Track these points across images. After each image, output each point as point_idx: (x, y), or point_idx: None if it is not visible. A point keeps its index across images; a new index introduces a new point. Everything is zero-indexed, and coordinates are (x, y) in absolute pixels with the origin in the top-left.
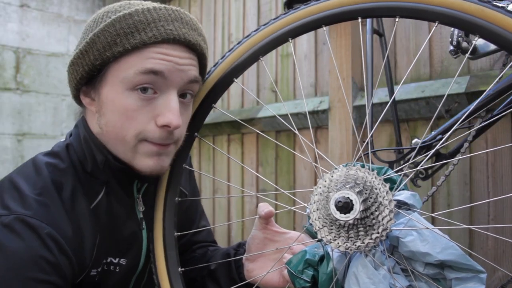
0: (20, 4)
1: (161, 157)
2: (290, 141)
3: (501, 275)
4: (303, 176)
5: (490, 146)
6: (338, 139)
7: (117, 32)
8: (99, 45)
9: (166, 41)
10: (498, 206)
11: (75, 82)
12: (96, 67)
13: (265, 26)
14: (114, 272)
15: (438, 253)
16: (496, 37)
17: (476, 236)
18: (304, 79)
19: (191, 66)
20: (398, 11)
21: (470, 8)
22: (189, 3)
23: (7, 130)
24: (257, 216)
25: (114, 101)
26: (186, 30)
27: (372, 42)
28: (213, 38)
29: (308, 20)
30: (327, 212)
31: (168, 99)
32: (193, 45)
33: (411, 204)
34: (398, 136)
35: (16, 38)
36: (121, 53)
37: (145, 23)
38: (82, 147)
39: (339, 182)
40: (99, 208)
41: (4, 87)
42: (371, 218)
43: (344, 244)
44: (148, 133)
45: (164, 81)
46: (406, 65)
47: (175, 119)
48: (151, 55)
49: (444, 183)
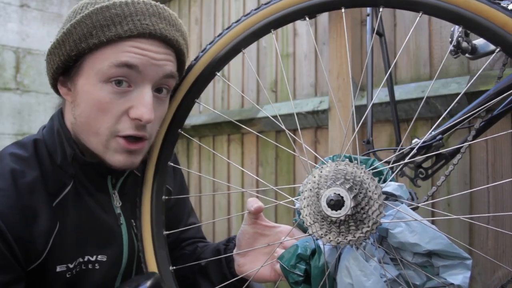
0: (20, 4)
1: (132, 155)
2: (290, 141)
3: (501, 275)
4: (303, 176)
5: (490, 146)
6: (338, 139)
7: (93, 24)
8: (75, 36)
9: (142, 36)
10: (498, 207)
11: (51, 72)
12: (71, 58)
13: (246, 17)
14: (94, 270)
15: (426, 243)
16: (480, 28)
17: (476, 236)
18: (304, 79)
19: (167, 61)
20: (381, 0)
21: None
22: (189, 3)
23: (7, 130)
24: (246, 212)
25: (88, 92)
26: (164, 25)
27: (372, 42)
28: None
29: (290, 11)
30: (318, 209)
31: (142, 93)
32: (169, 41)
33: (398, 195)
34: (398, 136)
35: (16, 38)
36: (96, 45)
37: (122, 16)
38: (54, 139)
39: (328, 178)
40: (66, 202)
41: (4, 87)
42: (361, 213)
43: (335, 239)
44: (121, 126)
45: (138, 75)
46: (406, 65)
47: (147, 112)
48: (126, 48)
49: (444, 183)
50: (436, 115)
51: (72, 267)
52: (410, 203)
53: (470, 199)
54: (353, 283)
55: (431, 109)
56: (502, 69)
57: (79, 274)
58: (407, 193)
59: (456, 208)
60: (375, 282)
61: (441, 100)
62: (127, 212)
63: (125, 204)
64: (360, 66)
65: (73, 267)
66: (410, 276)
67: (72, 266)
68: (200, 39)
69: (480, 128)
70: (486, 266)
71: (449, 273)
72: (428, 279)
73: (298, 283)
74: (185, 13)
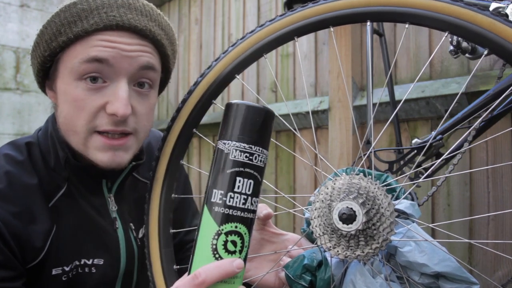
0: (20, 4)
1: (116, 152)
2: (290, 141)
3: (501, 275)
4: (303, 177)
5: (490, 146)
6: (338, 139)
7: (61, 22)
8: (47, 36)
9: (109, 28)
10: (498, 207)
11: (35, 75)
12: (46, 59)
13: (270, 23)
14: (90, 274)
15: (435, 264)
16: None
17: (476, 236)
18: (304, 79)
19: (142, 52)
20: (408, 17)
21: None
22: (189, 3)
23: (7, 130)
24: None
25: (65, 92)
26: (133, 15)
27: (372, 42)
28: (213, 38)
29: (316, 20)
30: (329, 221)
31: (117, 88)
32: (141, 31)
33: (410, 213)
34: (398, 136)
35: (16, 38)
36: (66, 43)
37: (88, 10)
38: (47, 142)
39: (342, 191)
40: (61, 204)
41: (4, 87)
42: (372, 228)
43: (344, 253)
44: (98, 122)
45: (111, 69)
46: (406, 65)
47: (122, 107)
48: (95, 42)
49: (444, 183)
50: (436, 115)
51: (68, 270)
52: (421, 223)
53: (470, 199)
54: None
55: (431, 109)
56: (502, 69)
57: (76, 277)
58: (419, 213)
59: (456, 209)
60: None
61: (441, 100)
62: (124, 216)
63: (121, 208)
64: (360, 66)
65: (69, 270)
66: None
67: (68, 269)
68: (200, 39)
69: (480, 128)
70: (486, 266)
71: None
72: None
73: None
74: (185, 13)
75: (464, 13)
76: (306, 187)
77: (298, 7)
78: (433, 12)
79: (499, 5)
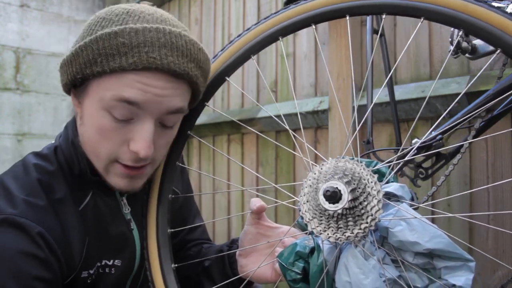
0: (20, 4)
1: (133, 180)
2: (290, 141)
3: (501, 275)
4: (303, 176)
5: (490, 146)
6: (338, 139)
7: (99, 51)
8: (81, 59)
9: (147, 69)
10: (498, 207)
11: (62, 84)
12: (78, 80)
13: (256, 25)
14: (109, 274)
15: (426, 241)
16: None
17: (476, 236)
18: (304, 79)
19: (174, 96)
20: (385, 8)
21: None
22: (189, 3)
23: (7, 130)
24: (249, 211)
25: (92, 115)
26: (174, 58)
27: (372, 42)
28: (213, 38)
29: (298, 19)
30: (316, 203)
31: (142, 127)
32: (179, 75)
33: (400, 195)
34: (398, 136)
35: (16, 38)
36: (100, 73)
37: (128, 46)
38: (69, 150)
39: (328, 174)
40: (87, 210)
41: (4, 87)
42: (359, 208)
43: (334, 235)
44: (120, 155)
45: (140, 110)
46: (406, 65)
47: (145, 149)
48: (129, 82)
49: (444, 183)
50: (436, 115)
51: (92, 272)
52: (411, 203)
53: (470, 199)
54: (351, 281)
55: (431, 109)
56: (502, 69)
57: (97, 277)
58: (408, 194)
59: (456, 208)
60: (373, 280)
61: (441, 100)
62: (138, 217)
63: (135, 209)
64: (360, 66)
65: (93, 272)
66: (411, 278)
67: (92, 272)
68: (200, 39)
69: (480, 128)
70: (486, 266)
71: (452, 275)
72: (430, 281)
73: (296, 281)
74: (185, 13)
75: (479, 11)
76: None
77: (282, 9)
78: (449, 8)
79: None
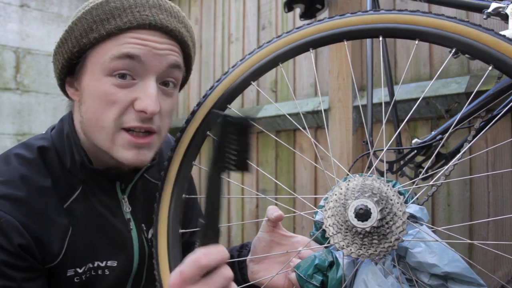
0: (20, 4)
1: (141, 151)
2: (290, 141)
3: (501, 275)
4: (303, 176)
5: (490, 146)
6: (338, 139)
7: (93, 19)
8: (77, 32)
9: (142, 27)
10: (498, 207)
11: (58, 72)
12: (74, 55)
13: (287, 34)
14: (104, 276)
15: (445, 265)
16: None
17: (476, 236)
18: (304, 79)
19: (171, 51)
20: (419, 34)
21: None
22: (189, 3)
23: (7, 130)
24: (265, 219)
25: (93, 87)
26: (164, 16)
27: (372, 42)
28: (213, 38)
29: (330, 33)
30: (343, 219)
31: (146, 85)
32: (171, 31)
33: (419, 217)
34: (398, 136)
35: (16, 38)
36: (97, 40)
37: (121, 9)
38: (63, 143)
39: (356, 191)
40: (75, 206)
41: (4, 87)
42: (385, 227)
43: (357, 251)
44: (126, 117)
45: (141, 66)
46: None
47: (152, 104)
48: (127, 40)
49: (444, 183)
50: (436, 115)
51: (81, 272)
52: (431, 226)
53: (470, 199)
54: None
55: (431, 109)
56: None
57: (89, 279)
58: (427, 216)
59: (456, 208)
60: None
61: (441, 100)
62: (137, 217)
63: (135, 209)
64: (360, 66)
65: (82, 272)
66: None
67: (81, 271)
68: (200, 39)
69: (480, 128)
70: (486, 266)
71: None
72: None
73: None
74: (185, 13)
75: (470, 32)
76: (306, 187)
77: (316, 21)
78: (442, 30)
79: (499, 5)
